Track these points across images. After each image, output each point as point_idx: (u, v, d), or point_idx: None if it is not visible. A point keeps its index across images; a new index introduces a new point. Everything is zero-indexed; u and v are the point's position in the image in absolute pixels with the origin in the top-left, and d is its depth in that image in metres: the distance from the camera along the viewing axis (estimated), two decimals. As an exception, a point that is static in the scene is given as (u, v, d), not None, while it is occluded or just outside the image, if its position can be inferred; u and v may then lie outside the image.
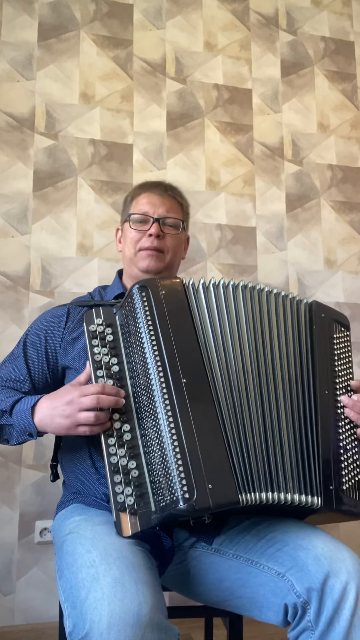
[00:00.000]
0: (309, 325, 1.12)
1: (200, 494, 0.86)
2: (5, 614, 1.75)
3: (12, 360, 1.25)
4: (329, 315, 1.16)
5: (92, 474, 1.13)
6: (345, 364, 1.13)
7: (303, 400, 1.04)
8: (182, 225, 1.30)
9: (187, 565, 1.08)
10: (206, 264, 2.12)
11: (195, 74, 2.24)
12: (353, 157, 2.38)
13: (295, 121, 2.33)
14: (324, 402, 1.05)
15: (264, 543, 1.00)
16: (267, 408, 1.00)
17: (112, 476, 0.93)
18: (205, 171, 2.19)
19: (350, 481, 1.01)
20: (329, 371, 1.09)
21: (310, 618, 0.89)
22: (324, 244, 2.26)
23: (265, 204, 2.23)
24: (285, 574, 0.93)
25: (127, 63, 2.17)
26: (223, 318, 1.05)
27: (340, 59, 2.44)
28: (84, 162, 2.06)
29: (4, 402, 1.10)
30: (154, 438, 0.93)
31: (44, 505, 1.81)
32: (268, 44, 2.36)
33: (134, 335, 1.02)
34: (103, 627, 0.76)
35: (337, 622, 0.87)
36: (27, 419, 1.04)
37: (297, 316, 1.12)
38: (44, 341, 1.23)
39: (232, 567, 1.01)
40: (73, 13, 2.14)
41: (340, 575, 0.89)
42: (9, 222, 1.95)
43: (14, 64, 2.05)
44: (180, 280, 1.08)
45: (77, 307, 1.26)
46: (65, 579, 0.90)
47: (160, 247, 1.26)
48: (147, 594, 0.81)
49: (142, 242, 1.26)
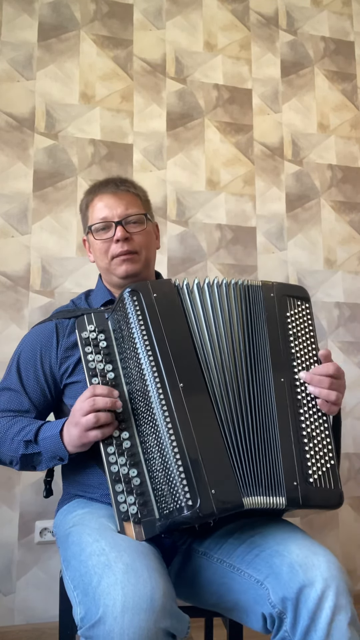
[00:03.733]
0: (263, 310, 1.07)
1: (204, 500, 0.85)
2: (5, 614, 1.75)
3: (7, 389, 1.19)
4: (280, 292, 1.10)
5: (95, 484, 1.11)
6: (305, 341, 1.07)
7: (263, 394, 1.00)
8: (145, 218, 1.22)
9: (182, 568, 1.08)
10: (206, 264, 2.12)
11: (195, 74, 2.24)
12: (353, 157, 2.38)
13: (295, 121, 2.33)
14: (279, 391, 1.00)
15: (244, 548, 0.97)
16: (248, 407, 0.98)
17: (114, 485, 0.92)
18: (205, 171, 2.19)
19: (319, 471, 0.96)
20: (284, 355, 1.04)
21: (287, 628, 0.87)
22: (324, 244, 2.26)
23: (265, 204, 2.23)
24: (263, 582, 0.90)
25: (127, 63, 2.17)
26: (217, 317, 1.03)
27: (340, 59, 2.44)
28: (84, 162, 2.06)
29: (24, 432, 1.07)
30: (153, 445, 0.92)
31: (44, 505, 1.81)
32: (268, 44, 2.36)
33: (127, 341, 1.00)
34: (117, 611, 0.76)
35: (313, 632, 0.84)
36: (58, 444, 1.02)
37: (253, 302, 1.07)
38: (40, 363, 1.18)
39: (218, 572, 1.00)
40: (73, 13, 2.14)
41: (316, 583, 0.86)
42: (9, 222, 1.95)
43: (14, 64, 2.05)
44: (170, 281, 1.06)
45: (62, 320, 1.20)
46: (74, 568, 0.90)
47: (132, 249, 1.19)
48: (160, 580, 0.81)
49: (112, 250, 1.20)
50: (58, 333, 1.19)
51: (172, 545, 1.01)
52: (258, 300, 1.08)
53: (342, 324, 2.21)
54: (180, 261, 2.09)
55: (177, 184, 2.14)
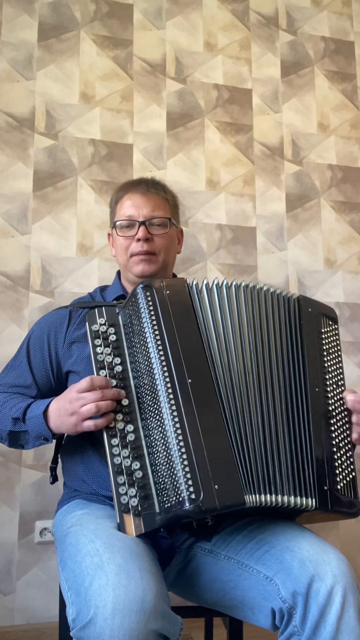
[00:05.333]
0: (298, 321, 1.11)
1: (207, 494, 0.85)
2: (5, 614, 1.75)
3: (16, 366, 1.23)
4: (316, 309, 1.14)
5: (95, 476, 1.12)
6: (335, 358, 1.12)
7: (296, 399, 1.03)
8: (169, 222, 1.26)
9: (184, 566, 1.08)
10: (206, 264, 2.12)
11: (195, 74, 2.24)
12: (353, 157, 2.38)
13: (295, 121, 2.33)
14: (315, 400, 1.03)
15: (253, 545, 0.99)
16: (265, 409, 1.00)
17: (116, 477, 0.93)
18: (205, 171, 2.19)
19: (344, 480, 1.00)
20: (319, 368, 1.07)
21: (296, 623, 0.87)
22: (324, 244, 2.26)
23: (265, 204, 2.23)
24: (273, 577, 0.92)
25: (127, 63, 2.17)
26: (226, 318, 1.05)
27: (340, 59, 2.44)
28: (84, 162, 2.06)
29: (14, 408, 1.09)
30: (158, 438, 0.93)
31: (44, 505, 1.81)
32: (268, 44, 2.36)
33: (138, 336, 1.02)
34: (107, 612, 0.76)
35: (323, 627, 0.85)
36: (41, 424, 1.04)
37: (288, 312, 1.11)
38: (47, 345, 1.21)
39: (224, 569, 1.01)
40: (73, 13, 2.14)
41: (326, 579, 0.87)
42: (9, 222, 1.95)
43: (14, 64, 2.05)
44: (183, 280, 1.08)
45: (78, 308, 1.24)
46: (69, 569, 0.90)
47: (151, 249, 1.23)
48: (152, 581, 0.81)
49: (132, 248, 1.24)
50: (70, 319, 1.22)
51: (171, 546, 1.01)
52: (267, 303, 1.09)
53: (342, 324, 2.21)
54: (180, 261, 2.09)
55: (177, 184, 2.13)
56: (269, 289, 1.11)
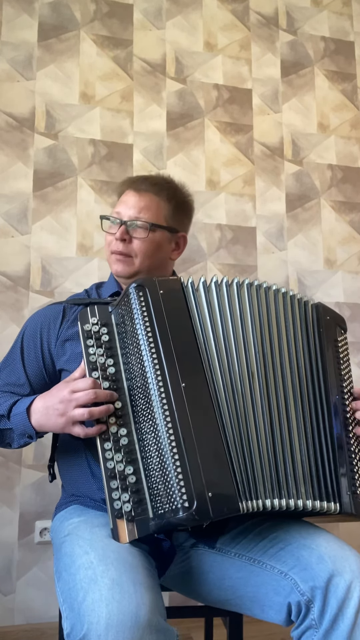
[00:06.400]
0: (317, 328, 1.10)
1: (200, 503, 0.84)
2: (5, 614, 1.75)
3: (9, 364, 1.21)
4: (333, 319, 1.15)
5: (90, 479, 1.11)
6: (347, 367, 1.12)
7: (315, 406, 1.02)
8: (151, 227, 1.19)
9: (188, 565, 1.07)
10: (206, 264, 2.12)
11: (195, 74, 2.24)
12: (353, 157, 2.38)
13: (295, 121, 2.33)
14: (335, 407, 1.04)
15: (267, 542, 0.99)
16: (275, 413, 0.98)
17: (109, 482, 0.91)
18: (205, 171, 2.19)
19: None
20: (337, 375, 1.08)
21: (314, 616, 0.89)
22: (324, 244, 2.26)
23: (265, 204, 2.23)
24: (289, 572, 0.93)
25: (127, 63, 2.17)
26: (226, 318, 1.02)
27: (340, 59, 2.44)
28: (84, 162, 2.06)
29: (2, 407, 1.07)
30: (151, 443, 0.91)
31: (44, 506, 1.81)
32: (268, 44, 2.36)
33: (130, 336, 0.99)
34: (101, 628, 0.76)
35: (341, 620, 0.87)
36: (24, 422, 1.02)
37: (305, 317, 1.10)
38: (40, 341, 1.19)
39: (234, 566, 1.00)
40: (73, 13, 2.14)
41: (345, 574, 0.89)
42: (9, 222, 1.95)
43: (14, 64, 2.05)
44: (178, 279, 1.04)
45: (72, 305, 1.22)
46: (64, 581, 0.89)
47: (126, 251, 1.19)
48: (146, 595, 0.80)
49: (112, 246, 1.21)
50: (64, 315, 1.20)
51: (171, 547, 1.00)
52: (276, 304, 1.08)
53: (342, 324, 2.21)
54: (180, 261, 2.09)
55: (177, 184, 2.13)
56: (279, 289, 1.09)
